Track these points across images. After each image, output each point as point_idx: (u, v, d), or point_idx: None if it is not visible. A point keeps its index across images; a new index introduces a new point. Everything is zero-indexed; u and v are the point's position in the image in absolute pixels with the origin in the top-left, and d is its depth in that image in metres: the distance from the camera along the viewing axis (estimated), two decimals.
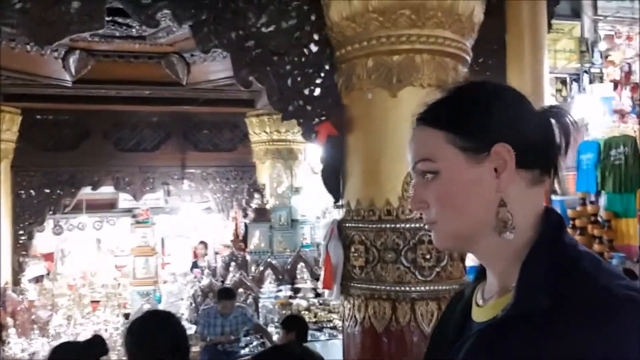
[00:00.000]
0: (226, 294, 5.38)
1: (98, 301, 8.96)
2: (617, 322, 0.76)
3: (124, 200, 9.28)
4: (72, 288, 8.95)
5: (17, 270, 7.27)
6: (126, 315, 8.46)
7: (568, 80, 10.15)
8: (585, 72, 10.13)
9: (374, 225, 2.85)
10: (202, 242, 8.84)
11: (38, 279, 8.21)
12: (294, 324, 4.19)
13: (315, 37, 3.07)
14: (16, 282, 7.20)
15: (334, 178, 3.07)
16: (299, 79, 3.05)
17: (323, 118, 3.05)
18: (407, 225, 2.80)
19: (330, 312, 6.62)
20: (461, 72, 3.00)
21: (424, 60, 2.85)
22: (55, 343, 7.19)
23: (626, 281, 0.82)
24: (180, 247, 9.79)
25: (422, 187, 0.91)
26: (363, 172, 2.95)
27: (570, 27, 10.10)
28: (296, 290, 6.84)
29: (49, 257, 9.78)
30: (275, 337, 5.57)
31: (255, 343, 5.71)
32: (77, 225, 9.33)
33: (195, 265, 8.64)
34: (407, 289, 2.80)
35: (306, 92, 3.06)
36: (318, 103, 3.05)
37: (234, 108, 7.43)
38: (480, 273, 1.01)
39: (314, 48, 3.07)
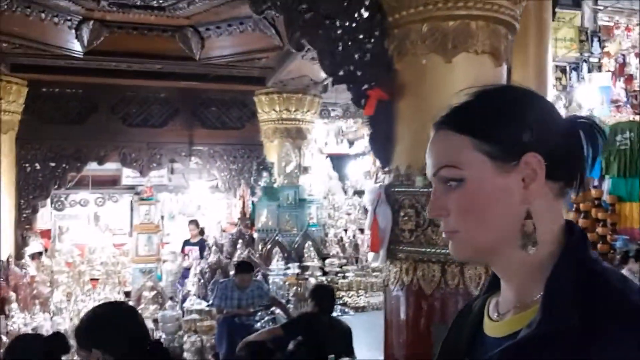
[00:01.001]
0: (244, 267, 5.39)
1: (97, 279, 8.89)
2: None
3: (127, 177, 9.20)
4: (70, 266, 8.86)
5: (20, 244, 7.18)
6: (127, 293, 8.41)
7: (567, 69, 10.28)
8: (585, 61, 10.28)
9: (426, 189, 2.88)
10: (192, 222, 8.75)
11: (35, 256, 8.11)
12: (321, 294, 4.21)
13: (366, 2, 3.08)
14: (19, 256, 7.11)
15: (382, 143, 3.09)
16: (349, 43, 3.05)
17: (372, 84, 3.06)
18: None
19: (338, 289, 6.68)
20: (511, 40, 3.04)
21: (479, 26, 2.88)
22: (58, 319, 7.18)
23: None
24: (182, 225, 9.72)
25: (443, 194, 0.87)
26: (414, 137, 2.98)
27: (571, 16, 10.22)
28: (304, 269, 6.87)
29: (45, 234, 9.65)
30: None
31: (266, 318, 5.73)
32: (80, 201, 9.22)
33: (187, 243, 8.56)
34: None
35: (356, 57, 3.06)
36: (368, 68, 3.06)
37: (245, 85, 7.39)
38: (491, 285, 0.98)
39: (364, 13, 3.08)
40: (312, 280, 6.44)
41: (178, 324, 6.21)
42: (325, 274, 6.92)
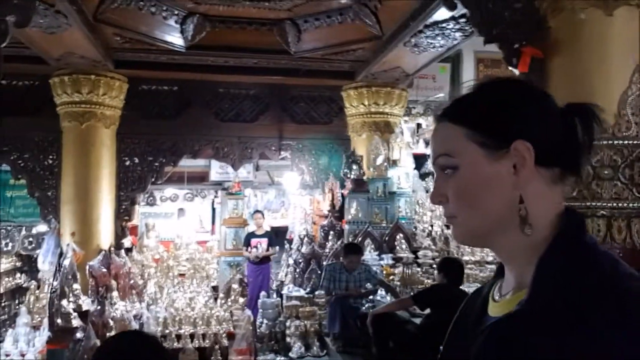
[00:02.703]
0: (353, 249, 5.43)
1: (183, 274, 9.10)
2: (637, 323, 0.75)
3: (216, 173, 9.44)
4: (157, 261, 9.11)
5: (120, 235, 7.43)
6: (215, 288, 8.56)
7: None
8: None
9: None
10: (258, 211, 8.77)
11: (126, 252, 8.39)
12: (450, 266, 4.21)
13: None
14: (118, 246, 7.36)
15: None
16: (500, 2, 3.07)
17: (524, 42, 3.05)
18: (625, 142, 2.80)
19: (434, 280, 6.62)
20: None
21: None
22: (154, 307, 7.34)
23: None
24: (266, 221, 9.82)
25: (442, 181, 0.92)
26: (573, 93, 2.95)
27: None
28: (397, 260, 6.86)
29: (133, 230, 9.98)
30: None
31: (367, 305, 5.74)
32: (170, 196, 9.49)
33: (252, 235, 8.53)
34: (624, 205, 2.78)
35: (506, 15, 3.07)
36: (519, 27, 3.06)
37: (334, 80, 7.49)
38: (499, 270, 1.01)
39: None
40: (408, 270, 6.41)
41: (277, 311, 6.30)
42: (418, 265, 6.87)
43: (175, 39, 6.48)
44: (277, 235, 8.44)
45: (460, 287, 4.25)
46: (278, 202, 10.00)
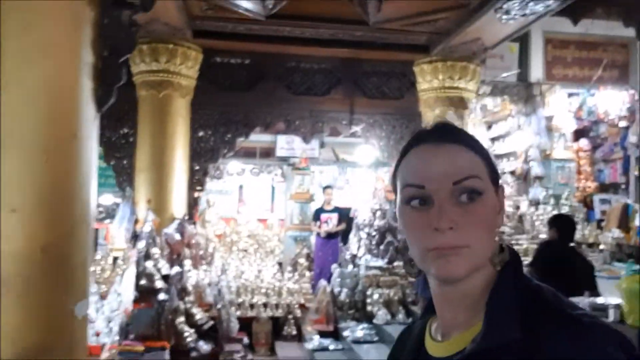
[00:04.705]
0: None
1: (245, 250, 9.16)
2: (592, 347, 0.78)
3: (281, 148, 9.46)
4: (219, 237, 9.18)
5: (192, 204, 7.49)
6: (280, 264, 8.58)
7: None
8: None
9: None
10: (328, 187, 8.73)
11: None
12: (561, 221, 4.12)
13: None
14: (191, 216, 7.42)
15: None
16: None
17: None
18: None
19: None
20: None
21: None
22: (224, 277, 7.36)
23: (585, 310, 0.86)
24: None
25: (455, 205, 0.88)
26: None
27: None
28: None
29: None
30: None
31: None
32: (237, 171, 9.55)
33: (321, 211, 8.46)
34: None
35: None
36: None
37: (408, 54, 7.41)
38: (427, 309, 1.01)
39: None
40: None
41: (356, 280, 6.28)
42: None
43: (257, 8, 6.49)
44: (342, 215, 8.40)
45: (574, 247, 4.16)
46: (343, 180, 9.99)
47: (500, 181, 0.95)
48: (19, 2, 2.42)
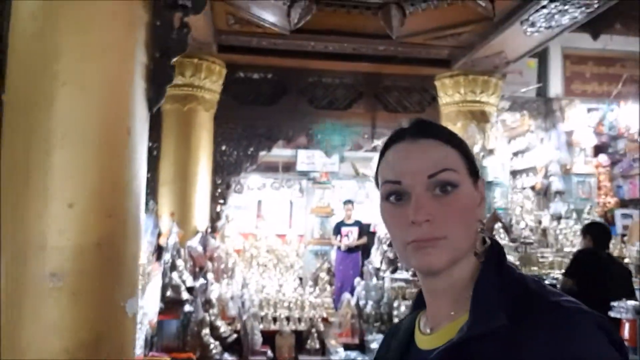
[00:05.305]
0: None
1: (264, 265, 9.14)
2: (577, 332, 0.80)
3: (302, 162, 9.51)
4: (238, 252, 9.17)
5: (214, 218, 7.51)
6: (300, 279, 8.55)
7: None
8: None
9: None
10: (349, 201, 8.78)
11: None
12: (596, 228, 4.11)
13: None
14: (213, 229, 7.43)
15: None
16: None
17: None
18: None
19: (539, 269, 6.49)
20: None
21: None
22: (247, 291, 7.34)
23: (567, 296, 0.88)
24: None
25: (429, 199, 0.90)
26: None
27: None
28: (513, 240, 6.77)
29: None
30: None
31: None
32: (257, 186, 9.59)
33: (342, 224, 8.54)
34: None
35: None
36: None
37: (429, 68, 7.47)
38: (416, 304, 1.03)
39: None
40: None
41: (381, 293, 6.25)
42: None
43: (281, 22, 6.57)
44: (362, 229, 8.42)
45: (609, 253, 4.14)
46: (362, 194, 10.01)
47: (479, 173, 0.98)
48: (78, 2, 2.48)
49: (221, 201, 7.53)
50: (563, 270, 6.59)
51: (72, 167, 2.42)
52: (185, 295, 5.87)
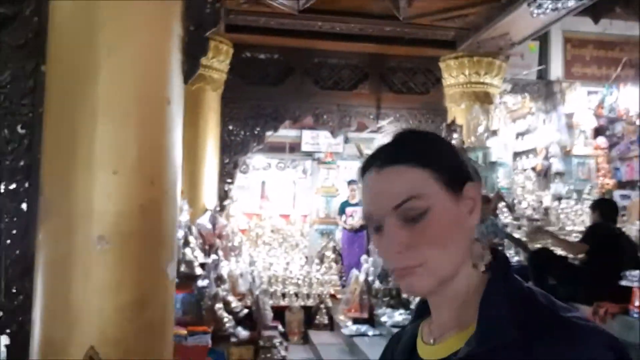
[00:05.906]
0: (484, 199, 5.47)
1: (269, 244, 9.26)
2: (584, 348, 0.80)
3: (306, 143, 9.60)
4: (243, 232, 9.28)
5: (222, 196, 7.60)
6: (306, 258, 8.68)
7: None
8: None
9: None
10: (353, 181, 8.84)
11: None
12: (603, 204, 4.26)
13: None
14: (221, 208, 7.53)
15: None
16: None
17: None
18: None
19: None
20: None
21: None
22: (255, 268, 7.47)
23: (577, 312, 0.86)
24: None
25: (402, 228, 0.87)
26: None
27: None
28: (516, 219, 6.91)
29: None
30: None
31: None
32: (262, 166, 9.67)
33: (347, 204, 8.60)
34: None
35: None
36: None
37: (434, 49, 7.56)
38: (419, 312, 1.01)
39: None
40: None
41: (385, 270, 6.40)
42: (518, 227, 6.88)
43: (290, 1, 6.62)
44: None
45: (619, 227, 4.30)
46: None
47: (471, 176, 0.93)
48: None
49: (229, 180, 7.62)
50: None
51: (116, 137, 2.52)
52: (198, 271, 5.99)
